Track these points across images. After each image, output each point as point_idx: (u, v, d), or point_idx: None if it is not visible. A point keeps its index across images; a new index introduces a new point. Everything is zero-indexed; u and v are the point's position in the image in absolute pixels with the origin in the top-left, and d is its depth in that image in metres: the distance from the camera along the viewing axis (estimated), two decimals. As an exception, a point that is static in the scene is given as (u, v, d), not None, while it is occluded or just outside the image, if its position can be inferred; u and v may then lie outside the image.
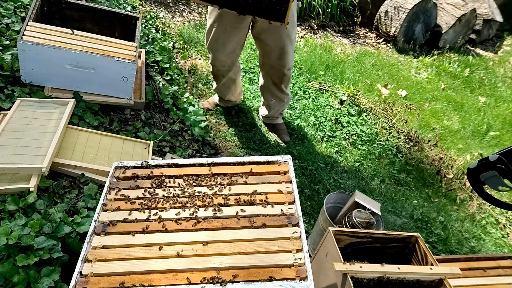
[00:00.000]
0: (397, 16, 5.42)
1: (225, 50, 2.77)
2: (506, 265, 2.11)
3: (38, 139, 2.03)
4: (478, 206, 3.14)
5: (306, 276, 1.25)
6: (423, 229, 2.81)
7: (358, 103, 3.90)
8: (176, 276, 1.24)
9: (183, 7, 4.80)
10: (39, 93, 2.38)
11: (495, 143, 3.96)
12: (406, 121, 3.83)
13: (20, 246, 1.58)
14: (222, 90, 3.15)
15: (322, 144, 3.33)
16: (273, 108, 3.15)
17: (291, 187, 1.56)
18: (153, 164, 1.66)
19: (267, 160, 1.69)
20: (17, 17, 2.79)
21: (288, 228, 1.41)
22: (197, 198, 1.51)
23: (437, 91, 4.68)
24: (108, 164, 2.10)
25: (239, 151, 3.00)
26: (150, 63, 3.18)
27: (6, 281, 1.49)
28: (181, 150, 2.59)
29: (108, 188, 1.55)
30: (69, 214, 1.85)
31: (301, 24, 5.41)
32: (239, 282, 1.23)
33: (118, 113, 2.61)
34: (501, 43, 6.57)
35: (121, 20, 2.80)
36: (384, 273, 1.61)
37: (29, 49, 2.28)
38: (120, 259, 1.30)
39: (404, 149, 3.55)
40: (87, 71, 2.40)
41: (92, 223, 1.41)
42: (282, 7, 2.19)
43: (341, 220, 2.19)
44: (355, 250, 1.85)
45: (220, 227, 1.41)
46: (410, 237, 1.85)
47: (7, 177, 1.85)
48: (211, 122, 3.16)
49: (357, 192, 2.22)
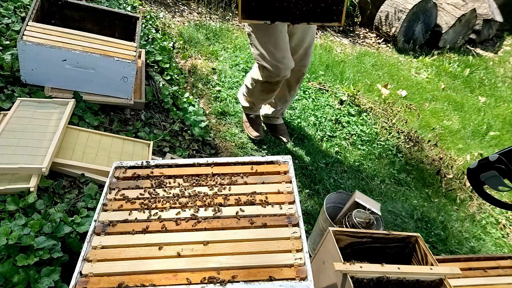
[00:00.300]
0: (397, 16, 5.42)
1: (288, 53, 2.54)
2: (506, 265, 2.11)
3: (38, 139, 2.03)
4: (478, 206, 3.14)
5: (306, 276, 1.25)
6: (423, 229, 2.81)
7: (358, 103, 3.90)
8: (176, 276, 1.24)
9: (183, 7, 4.80)
10: (39, 93, 2.38)
11: (495, 143, 3.96)
12: (406, 121, 3.83)
13: (20, 246, 1.58)
14: (273, 99, 2.97)
15: (322, 144, 3.33)
16: (277, 108, 3.09)
17: (291, 187, 1.56)
18: (153, 164, 1.66)
19: (267, 160, 1.69)
20: (17, 17, 2.79)
21: (288, 228, 1.41)
22: (197, 198, 1.51)
23: (437, 91, 4.68)
24: (108, 164, 2.10)
25: (239, 151, 3.00)
26: (150, 63, 3.18)
27: (6, 281, 1.49)
28: (181, 150, 2.59)
29: (108, 188, 1.55)
30: (69, 214, 1.85)
31: (301, 24, 5.41)
32: (239, 282, 1.23)
33: (118, 113, 2.61)
34: (501, 43, 6.57)
35: (121, 20, 2.80)
36: (384, 273, 1.61)
37: (29, 49, 2.28)
38: (120, 259, 1.30)
39: (404, 149, 3.55)
40: (87, 71, 2.41)
41: (92, 223, 1.41)
42: (338, 7, 2.12)
43: (341, 220, 2.19)
44: (355, 250, 1.85)
45: (220, 227, 1.41)
46: (410, 237, 1.85)
47: (7, 177, 1.85)
48: (211, 122, 3.16)
49: (357, 192, 2.22)
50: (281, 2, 2.09)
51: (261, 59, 2.52)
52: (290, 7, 2.10)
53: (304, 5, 2.10)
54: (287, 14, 2.12)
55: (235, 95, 3.54)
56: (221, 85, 3.63)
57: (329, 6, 2.12)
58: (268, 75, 2.56)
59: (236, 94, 3.54)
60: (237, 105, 3.44)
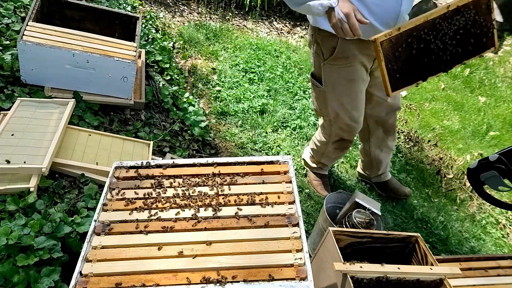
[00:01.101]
0: (397, 16, 5.42)
1: (363, 112, 2.31)
2: (506, 265, 2.11)
3: (38, 139, 2.03)
4: (478, 206, 3.14)
5: (306, 276, 1.25)
6: (423, 229, 2.81)
7: (358, 103, 3.90)
8: (176, 276, 1.24)
9: (183, 7, 4.80)
10: (39, 93, 2.38)
11: (495, 143, 3.96)
12: (406, 121, 3.83)
13: (20, 246, 1.58)
14: (338, 158, 2.72)
15: (322, 144, 3.32)
16: (384, 162, 2.71)
17: (291, 187, 1.56)
18: (153, 164, 1.66)
19: (267, 160, 1.69)
20: (17, 17, 2.79)
21: (288, 228, 1.41)
22: (197, 198, 1.51)
23: (437, 91, 4.68)
24: (108, 164, 2.10)
25: (239, 151, 3.00)
26: (150, 63, 3.18)
27: (6, 281, 1.49)
28: (181, 150, 2.59)
29: (108, 188, 1.55)
30: (69, 214, 1.85)
31: (301, 24, 5.41)
32: (239, 282, 1.23)
33: (118, 113, 2.61)
34: (501, 43, 6.57)
35: (121, 20, 2.80)
36: (384, 273, 1.61)
37: (29, 49, 2.28)
38: (120, 259, 1.30)
39: (404, 149, 3.55)
40: (87, 71, 2.41)
41: (92, 223, 1.41)
42: (488, 33, 1.92)
43: (341, 220, 2.19)
44: (355, 250, 1.85)
45: (220, 227, 1.41)
46: (410, 237, 1.85)
47: (7, 177, 1.85)
48: (211, 122, 3.16)
49: (357, 192, 2.22)
50: (429, 56, 1.88)
51: (335, 118, 2.31)
52: (439, 56, 1.89)
53: (454, 48, 1.90)
54: (437, 64, 1.92)
55: (235, 95, 3.54)
56: (221, 85, 3.63)
57: (480, 36, 1.92)
58: (340, 134, 2.39)
59: (236, 94, 3.55)
60: (237, 105, 3.44)
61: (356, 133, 2.39)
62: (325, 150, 2.59)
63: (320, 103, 2.34)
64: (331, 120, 2.35)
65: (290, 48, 4.65)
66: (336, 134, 2.42)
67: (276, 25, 5.25)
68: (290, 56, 4.42)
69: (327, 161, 2.71)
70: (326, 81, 2.21)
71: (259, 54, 4.19)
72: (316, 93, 2.33)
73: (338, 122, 2.32)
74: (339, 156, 2.67)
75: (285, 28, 5.24)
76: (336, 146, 2.52)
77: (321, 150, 2.62)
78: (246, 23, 5.00)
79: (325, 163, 2.73)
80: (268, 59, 4.20)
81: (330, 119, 2.35)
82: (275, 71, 4.03)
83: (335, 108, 2.26)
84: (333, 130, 2.40)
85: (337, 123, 2.34)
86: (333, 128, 2.39)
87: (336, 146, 2.52)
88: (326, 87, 2.23)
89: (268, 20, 5.28)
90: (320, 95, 2.30)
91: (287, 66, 4.19)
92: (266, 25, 5.15)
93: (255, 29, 4.91)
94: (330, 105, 2.27)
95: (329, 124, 2.40)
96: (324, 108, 2.33)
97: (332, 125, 2.38)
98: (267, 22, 5.23)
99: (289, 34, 5.12)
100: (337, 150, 2.56)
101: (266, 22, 5.22)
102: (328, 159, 2.69)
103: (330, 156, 2.64)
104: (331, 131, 2.43)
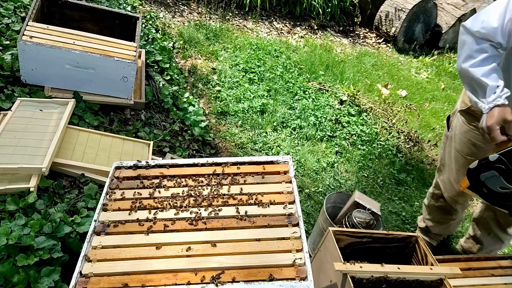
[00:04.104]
0: (397, 16, 5.42)
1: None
2: (506, 265, 2.10)
3: (38, 139, 2.03)
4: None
5: (306, 276, 1.25)
6: (423, 229, 2.81)
7: (358, 103, 3.90)
8: (176, 276, 1.24)
9: (183, 7, 4.80)
10: (39, 93, 2.38)
11: (495, 143, 3.96)
12: (406, 121, 3.83)
13: (20, 246, 1.58)
14: (450, 229, 2.57)
15: (322, 144, 3.33)
16: (487, 246, 2.51)
17: (291, 187, 1.56)
18: (153, 164, 1.66)
19: (267, 160, 1.69)
20: (17, 17, 2.79)
21: (288, 228, 1.41)
22: (197, 198, 1.51)
23: (437, 91, 4.68)
24: (108, 164, 2.10)
25: (239, 151, 3.00)
26: (150, 63, 3.18)
27: (6, 281, 1.49)
28: (181, 150, 2.59)
29: (108, 188, 1.55)
30: (69, 214, 1.85)
31: (301, 24, 5.41)
32: (239, 282, 1.23)
33: (118, 113, 2.61)
34: (501, 43, 6.56)
35: (121, 20, 2.80)
36: (384, 273, 1.61)
37: (29, 49, 2.28)
38: (120, 259, 1.30)
39: (404, 149, 3.55)
40: (87, 71, 2.41)
41: (92, 223, 1.41)
42: None
43: (341, 220, 2.19)
44: (355, 250, 1.85)
45: (220, 227, 1.41)
46: (410, 237, 1.85)
47: (7, 177, 1.85)
48: (211, 122, 3.16)
49: (357, 192, 2.22)
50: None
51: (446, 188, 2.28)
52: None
53: None
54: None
55: (235, 95, 3.54)
56: (221, 85, 3.63)
57: None
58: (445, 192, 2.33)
59: (236, 94, 3.55)
60: (237, 105, 3.44)
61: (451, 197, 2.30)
62: (429, 207, 2.51)
63: (443, 166, 2.29)
64: (441, 184, 2.30)
65: (290, 48, 4.65)
66: (439, 190, 2.36)
67: (276, 25, 5.25)
68: (290, 56, 4.42)
69: (431, 223, 2.56)
70: (457, 164, 2.16)
71: (259, 54, 4.19)
72: (444, 143, 2.25)
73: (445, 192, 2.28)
74: (442, 222, 2.52)
75: (285, 28, 5.24)
76: (439, 204, 2.43)
77: (427, 206, 2.53)
78: (246, 23, 5.00)
79: (430, 226, 2.57)
80: (268, 59, 4.20)
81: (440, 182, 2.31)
82: (275, 71, 4.03)
83: (449, 177, 2.21)
84: (440, 184, 2.34)
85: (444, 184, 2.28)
86: (441, 184, 2.33)
87: (439, 204, 2.43)
88: (454, 158, 2.17)
89: (268, 20, 5.28)
90: (445, 159, 2.25)
91: (287, 66, 4.19)
92: (266, 25, 5.15)
93: (255, 29, 4.91)
94: (447, 170, 2.23)
95: (437, 181, 2.36)
96: (442, 173, 2.27)
97: (439, 180, 2.33)
98: (267, 22, 5.23)
99: (289, 34, 5.12)
100: (440, 211, 2.47)
101: (266, 22, 5.22)
102: (432, 220, 2.55)
103: (433, 217, 2.53)
104: (439, 185, 2.36)
